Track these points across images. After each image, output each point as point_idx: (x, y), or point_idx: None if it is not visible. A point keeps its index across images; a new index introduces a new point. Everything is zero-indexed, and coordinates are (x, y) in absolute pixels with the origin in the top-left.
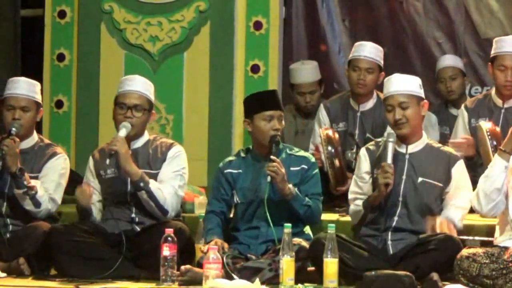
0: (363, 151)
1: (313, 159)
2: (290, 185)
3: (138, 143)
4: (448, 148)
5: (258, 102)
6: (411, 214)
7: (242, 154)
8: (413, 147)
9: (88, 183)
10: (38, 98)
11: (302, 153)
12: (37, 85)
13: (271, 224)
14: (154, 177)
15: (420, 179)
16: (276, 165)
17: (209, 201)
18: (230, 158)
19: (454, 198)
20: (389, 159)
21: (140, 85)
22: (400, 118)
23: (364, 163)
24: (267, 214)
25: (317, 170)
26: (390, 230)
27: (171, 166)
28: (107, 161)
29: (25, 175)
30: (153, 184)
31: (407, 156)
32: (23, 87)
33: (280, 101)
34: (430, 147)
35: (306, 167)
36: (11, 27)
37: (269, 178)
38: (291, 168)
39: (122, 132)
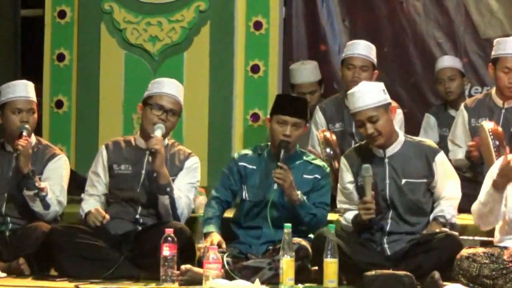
0: (343, 160)
1: (327, 170)
2: (299, 192)
3: None
4: (427, 141)
5: (279, 104)
6: (401, 215)
7: (259, 151)
8: (391, 150)
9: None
10: (36, 100)
11: (318, 161)
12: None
13: (271, 227)
14: None
15: (404, 181)
16: (283, 172)
17: (215, 187)
18: (246, 151)
19: (443, 190)
20: (368, 194)
21: (177, 90)
22: (373, 132)
23: (346, 173)
24: (268, 218)
25: (329, 181)
26: (385, 235)
27: (188, 177)
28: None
29: (36, 176)
30: (176, 192)
31: (386, 160)
32: (29, 90)
33: (303, 109)
34: (408, 144)
35: (319, 177)
36: (11, 27)
37: (275, 186)
38: (304, 176)
39: (158, 133)
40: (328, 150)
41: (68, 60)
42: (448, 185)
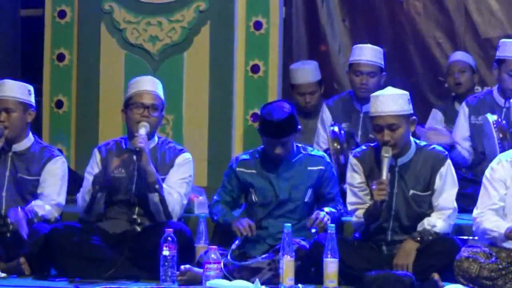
0: (354, 161)
1: (328, 159)
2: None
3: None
4: (437, 148)
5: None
6: (403, 226)
7: (256, 155)
8: (403, 159)
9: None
10: (26, 99)
11: (316, 152)
12: (26, 86)
13: None
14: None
15: (411, 192)
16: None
17: (217, 192)
18: (244, 156)
19: (436, 199)
20: (385, 175)
21: (154, 86)
22: (389, 140)
23: (356, 175)
24: None
25: (333, 169)
26: (384, 244)
27: (179, 173)
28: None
29: (26, 215)
30: (166, 189)
31: (396, 169)
32: (8, 89)
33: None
34: (419, 151)
35: (323, 168)
36: (11, 27)
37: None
38: (309, 168)
39: (143, 131)
40: (335, 144)
41: (68, 60)
42: (442, 195)
